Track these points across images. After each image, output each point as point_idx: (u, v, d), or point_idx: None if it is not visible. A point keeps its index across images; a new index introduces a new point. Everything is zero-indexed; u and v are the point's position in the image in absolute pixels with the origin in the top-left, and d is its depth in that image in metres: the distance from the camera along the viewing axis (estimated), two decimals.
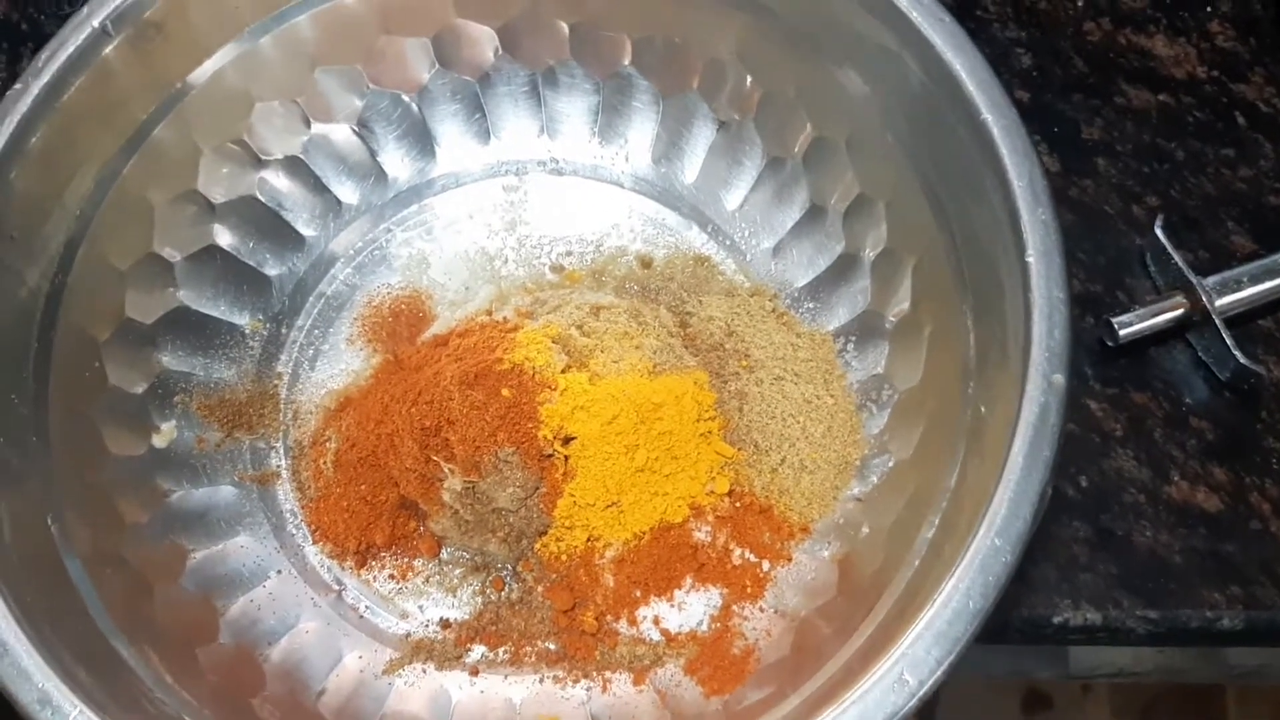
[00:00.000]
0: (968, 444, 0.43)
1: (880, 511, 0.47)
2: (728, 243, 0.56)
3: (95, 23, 0.46)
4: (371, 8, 0.53)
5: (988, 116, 0.43)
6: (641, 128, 0.57)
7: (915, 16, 0.45)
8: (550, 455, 0.49)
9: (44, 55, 0.45)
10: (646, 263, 0.56)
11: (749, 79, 0.53)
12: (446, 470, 0.48)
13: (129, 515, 0.47)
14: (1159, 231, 0.54)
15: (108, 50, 0.46)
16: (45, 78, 0.44)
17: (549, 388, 0.49)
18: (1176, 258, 0.53)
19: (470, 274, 0.56)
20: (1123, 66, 0.60)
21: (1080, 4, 0.62)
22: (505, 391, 0.48)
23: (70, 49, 0.45)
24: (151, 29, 0.47)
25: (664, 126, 0.57)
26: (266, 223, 0.55)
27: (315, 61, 0.53)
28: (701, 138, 0.56)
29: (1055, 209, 0.42)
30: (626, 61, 0.56)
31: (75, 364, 0.47)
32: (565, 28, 0.55)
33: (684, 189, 0.57)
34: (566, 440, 0.49)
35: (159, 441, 0.50)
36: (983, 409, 0.43)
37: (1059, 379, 0.39)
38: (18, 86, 0.44)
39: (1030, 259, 0.41)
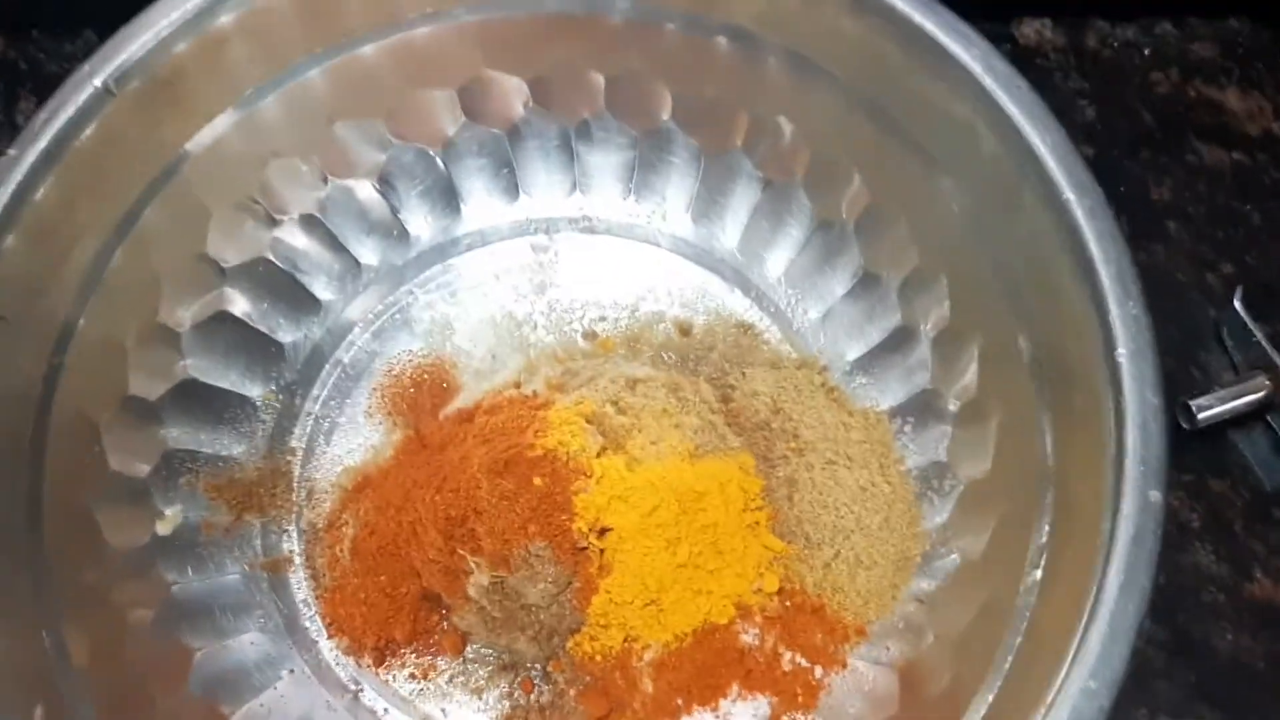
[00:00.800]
0: (1049, 556, 0.39)
1: (947, 617, 0.43)
2: (772, 309, 0.53)
3: (97, 82, 0.42)
4: (394, 59, 0.49)
5: (1070, 196, 0.40)
6: (680, 185, 0.54)
7: (989, 83, 0.41)
8: (585, 548, 0.45)
9: (41, 117, 0.41)
10: (685, 330, 0.53)
11: (798, 139, 0.50)
12: (472, 564, 0.45)
13: (130, 613, 0.43)
14: (1238, 305, 0.50)
15: (109, 110, 0.42)
16: (42, 143, 0.41)
17: (584, 475, 0.45)
18: (1258, 334, 0.49)
19: (497, 340, 0.53)
20: (1193, 121, 0.57)
21: (1147, 53, 0.58)
22: (537, 480, 0.45)
23: (70, 110, 0.41)
24: (158, 87, 0.43)
25: (704, 184, 0.53)
26: (280, 286, 0.51)
27: (333, 116, 0.50)
28: (744, 197, 0.53)
29: (1146, 303, 0.38)
30: (666, 116, 0.52)
31: (73, 450, 0.43)
32: (601, 79, 0.51)
33: (725, 251, 0.54)
34: (602, 532, 0.45)
35: (163, 529, 0.46)
36: (1064, 518, 0.39)
37: (1156, 496, 0.35)
38: (12, 153, 0.40)
39: (1121, 358, 0.37)
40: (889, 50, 0.44)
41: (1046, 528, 0.40)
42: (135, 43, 0.42)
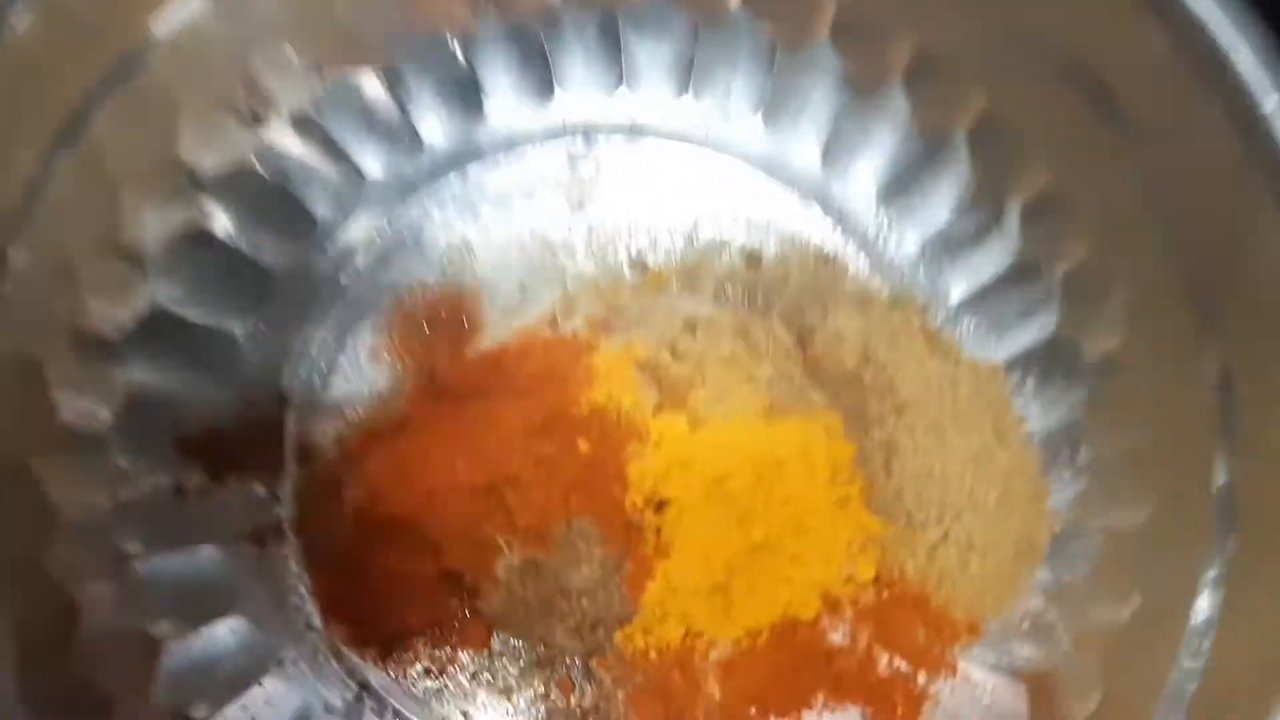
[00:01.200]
0: (1237, 552, 0.31)
1: (1087, 619, 0.35)
2: (860, 236, 0.44)
3: None
4: None
5: (1270, 109, 0.30)
6: (748, 80, 0.45)
7: None
8: (639, 525, 0.37)
9: None
10: (753, 260, 0.44)
11: (898, 28, 0.40)
12: (503, 542, 0.37)
13: (82, 596, 0.35)
14: None
15: None
16: None
17: (639, 437, 0.37)
18: None
19: (527, 270, 0.44)
20: None
21: None
22: (583, 443, 0.37)
23: None
24: None
25: (779, 81, 0.44)
26: (267, 199, 0.42)
27: None
28: (828, 97, 0.44)
29: None
30: (734, 1, 0.42)
31: (13, 398, 0.35)
32: None
33: (802, 163, 0.45)
34: (660, 506, 0.37)
35: (124, 492, 0.38)
36: (1254, 503, 0.30)
37: None
38: None
39: None
40: None
41: (1226, 514, 0.32)
42: None
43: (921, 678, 0.37)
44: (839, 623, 0.38)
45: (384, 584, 0.39)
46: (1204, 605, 0.32)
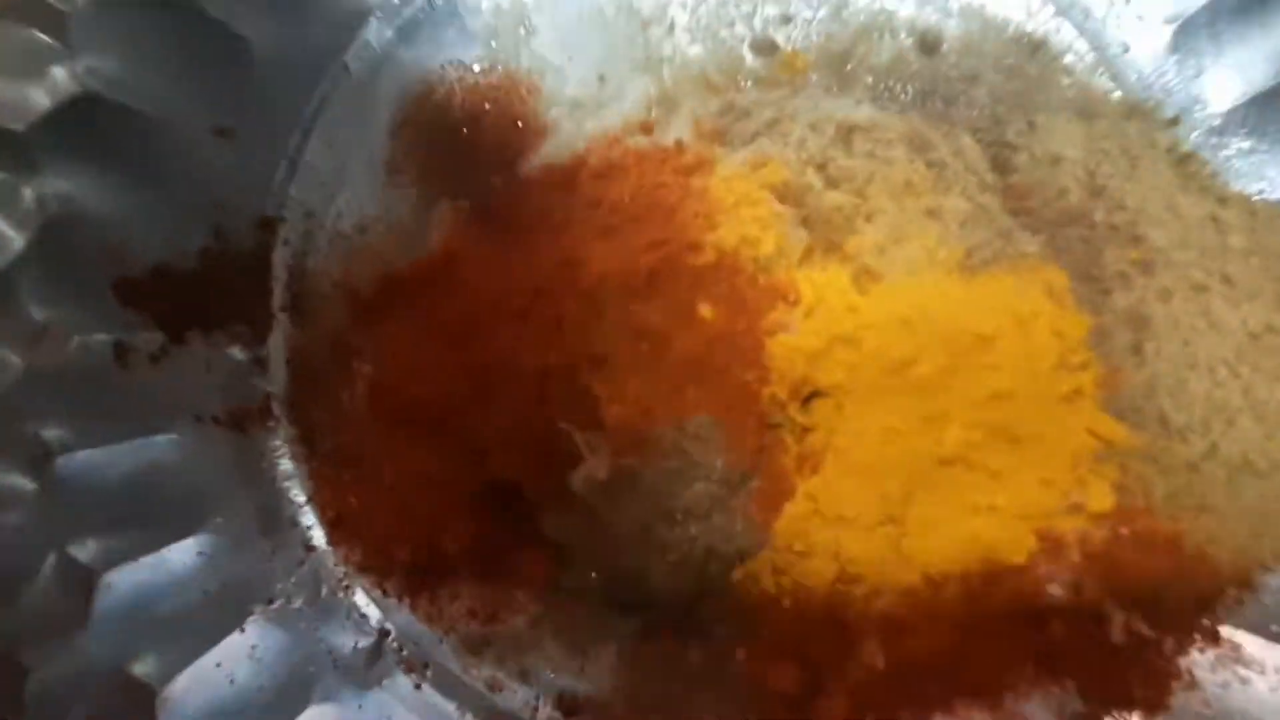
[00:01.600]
0: None
1: None
2: (1081, 14, 0.31)
3: None
4: None
5: None
6: None
7: None
8: (779, 425, 0.26)
9: None
10: (929, 44, 0.33)
11: None
12: (584, 443, 0.25)
13: None
14: None
15: None
16: None
17: (784, 299, 0.25)
18: None
19: (608, 50, 0.33)
20: None
21: None
22: (705, 309, 0.25)
23: None
24: None
25: None
26: None
27: None
28: None
29: None
30: None
31: None
32: None
33: None
34: (810, 399, 0.26)
35: (43, 355, 0.26)
36: None
37: None
38: None
39: None
40: None
41: None
42: None
43: (1169, 645, 0.27)
44: (1059, 570, 0.27)
45: (411, 493, 0.28)
46: None
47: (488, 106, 0.32)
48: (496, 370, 0.26)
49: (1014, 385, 0.27)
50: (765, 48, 0.32)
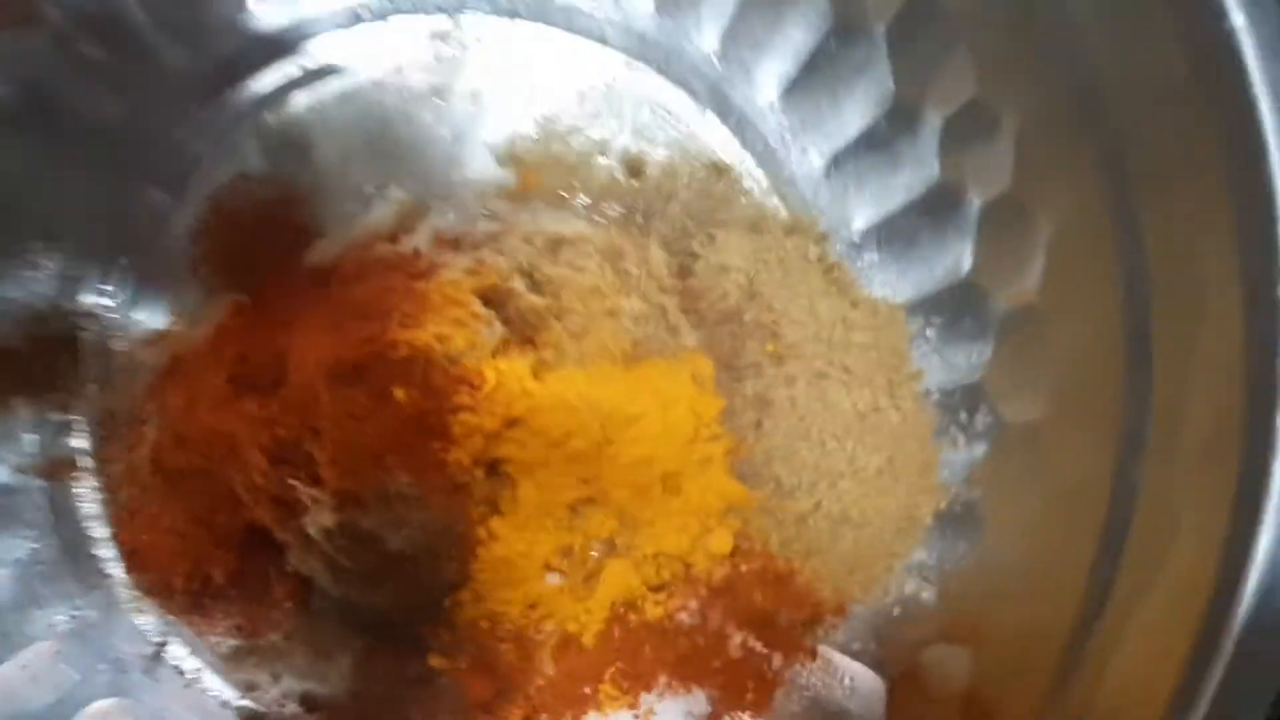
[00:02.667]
0: (1124, 564, 0.27)
1: (968, 612, 0.31)
2: (760, 146, 0.39)
3: None
4: None
5: (1237, 21, 0.25)
6: None
7: None
8: (466, 485, 0.32)
9: None
10: (636, 168, 0.38)
11: None
12: (308, 498, 0.32)
13: None
14: None
15: None
16: None
17: (470, 385, 0.32)
18: None
19: (374, 165, 0.38)
20: None
21: None
22: (399, 393, 0.31)
23: None
24: None
25: None
26: (56, 67, 0.36)
27: None
28: None
29: None
30: None
31: None
32: None
33: (698, 56, 0.39)
34: (493, 466, 0.32)
35: None
36: (1155, 511, 0.26)
37: None
38: None
39: None
40: None
41: (1131, 518, 0.27)
42: None
43: (776, 660, 0.34)
44: (690, 598, 0.34)
45: (186, 534, 0.34)
46: (1098, 627, 0.27)
47: (270, 212, 0.38)
48: (243, 436, 0.33)
49: (654, 453, 0.33)
50: (503, 168, 0.39)
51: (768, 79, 0.38)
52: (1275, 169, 0.24)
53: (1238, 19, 0.25)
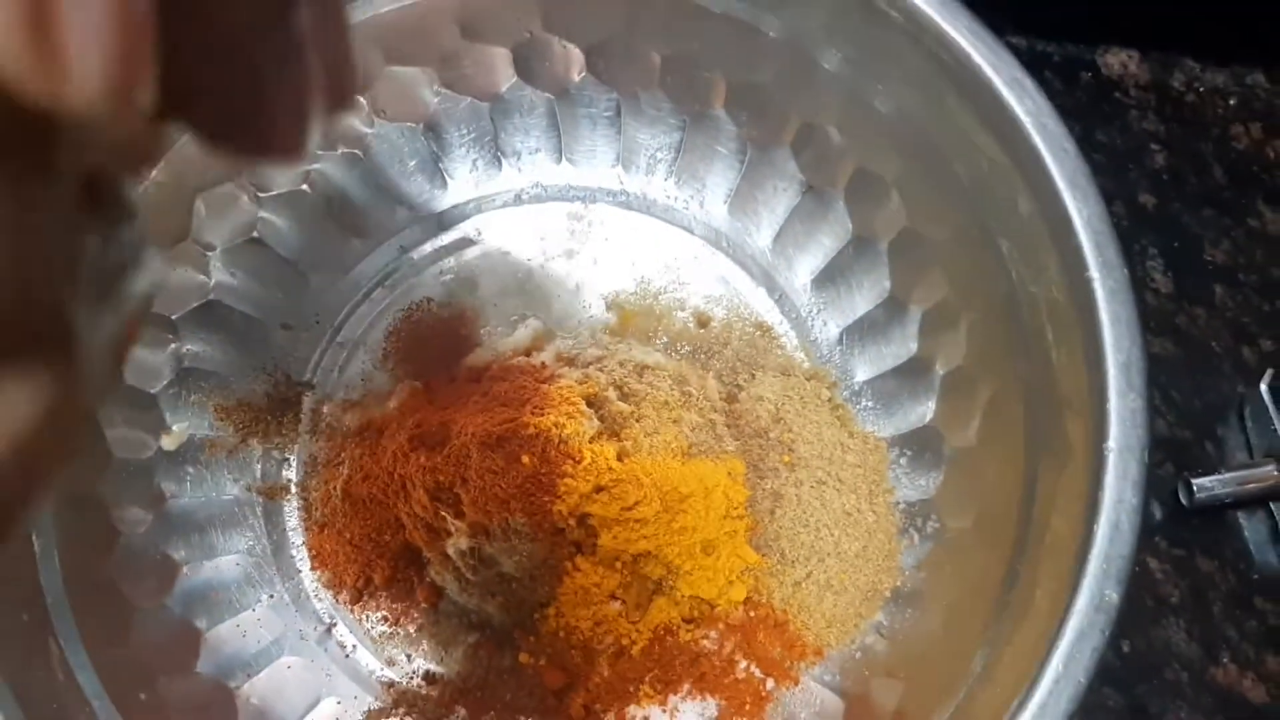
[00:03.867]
0: (1004, 631, 0.39)
1: (904, 656, 0.44)
2: (794, 315, 0.52)
3: None
4: (450, 8, 0.49)
5: (1094, 274, 0.39)
6: (723, 174, 0.53)
7: (1036, 141, 0.40)
8: (564, 530, 0.46)
9: None
10: (704, 321, 0.53)
11: (844, 150, 0.49)
12: (453, 527, 0.46)
13: (122, 524, 0.45)
14: (1264, 389, 0.49)
15: None
16: None
17: (573, 459, 0.46)
18: (1277, 423, 0.48)
19: (520, 300, 0.53)
20: (1265, 183, 0.54)
21: (1232, 103, 0.56)
22: (525, 459, 0.46)
23: None
24: None
25: (746, 177, 0.53)
26: (314, 218, 0.52)
27: (388, 57, 0.50)
28: (785, 197, 0.52)
29: (1148, 395, 0.37)
30: (718, 103, 0.51)
31: None
32: (657, 57, 0.50)
33: (756, 248, 0.53)
34: (583, 518, 0.46)
35: (168, 444, 0.48)
36: (1024, 599, 0.39)
37: (1112, 596, 0.35)
38: None
39: (1109, 451, 0.36)
40: (943, 84, 0.42)
41: (1010, 599, 0.40)
42: None
43: (770, 684, 0.46)
44: (712, 630, 0.47)
45: (360, 545, 0.48)
46: (979, 659, 0.40)
47: (443, 327, 0.54)
48: (413, 482, 0.47)
49: (696, 525, 0.47)
50: (613, 307, 0.54)
51: (803, 269, 0.53)
52: (1112, 389, 0.38)
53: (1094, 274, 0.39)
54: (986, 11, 0.49)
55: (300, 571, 0.49)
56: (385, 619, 0.48)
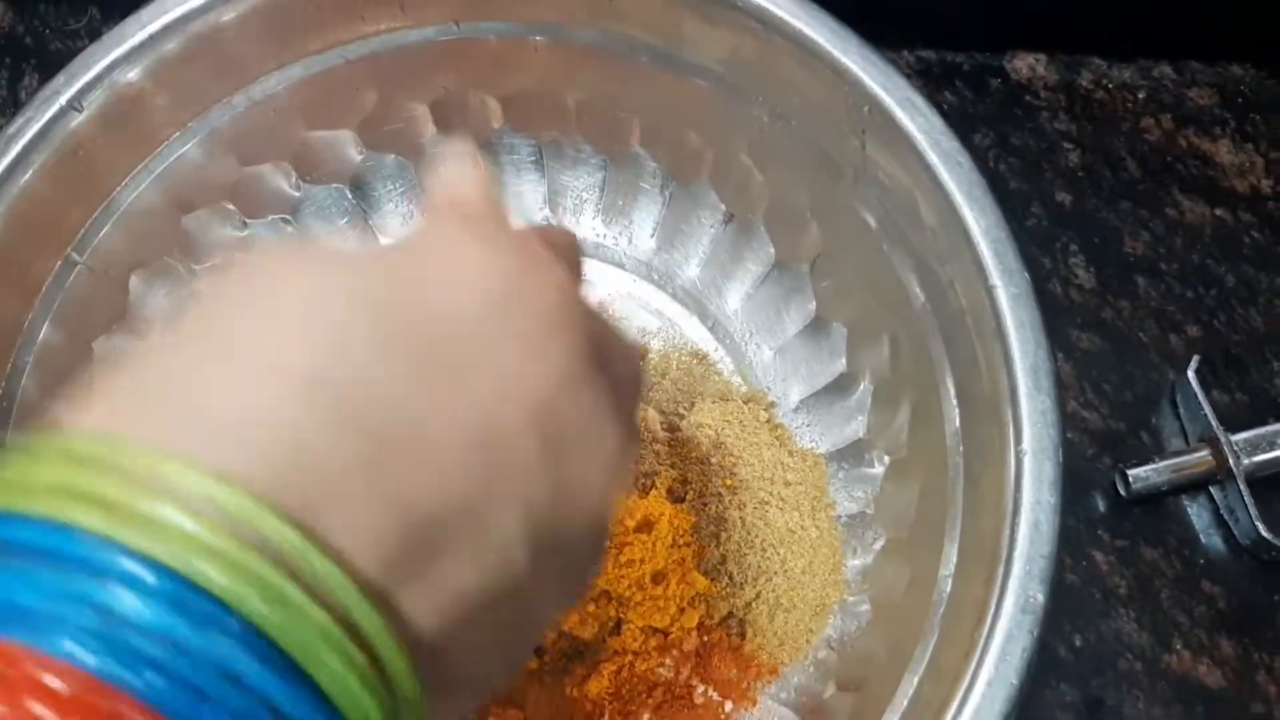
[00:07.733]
0: (940, 635, 0.40)
1: (851, 668, 0.45)
2: (728, 341, 0.53)
3: (64, 99, 0.43)
4: (366, 74, 0.50)
5: (996, 282, 0.40)
6: (647, 209, 0.54)
7: (932, 158, 0.41)
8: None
9: (9, 131, 0.43)
10: (641, 354, 0.54)
11: (761, 180, 0.50)
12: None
13: None
14: (1191, 375, 0.50)
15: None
16: (7, 158, 0.42)
17: None
18: (1206, 408, 0.49)
19: None
20: (1180, 173, 0.55)
21: (1141, 96, 0.57)
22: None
23: (36, 127, 0.43)
24: (126, 104, 0.45)
25: (671, 210, 0.54)
26: None
27: (308, 123, 0.51)
28: (708, 228, 0.53)
29: (1059, 397, 0.38)
30: (635, 142, 0.52)
31: None
32: (572, 102, 0.52)
33: (686, 279, 0.54)
34: None
35: None
36: (957, 600, 0.40)
37: (1038, 597, 0.36)
38: None
39: (1023, 454, 0.37)
40: (844, 110, 0.43)
41: (943, 600, 0.41)
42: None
43: (729, 706, 0.47)
44: (667, 658, 0.47)
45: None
46: (920, 666, 0.41)
47: None
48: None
49: (644, 556, 0.48)
50: None
51: (733, 296, 0.54)
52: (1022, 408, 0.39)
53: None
54: (895, 28, 0.51)
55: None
56: None
